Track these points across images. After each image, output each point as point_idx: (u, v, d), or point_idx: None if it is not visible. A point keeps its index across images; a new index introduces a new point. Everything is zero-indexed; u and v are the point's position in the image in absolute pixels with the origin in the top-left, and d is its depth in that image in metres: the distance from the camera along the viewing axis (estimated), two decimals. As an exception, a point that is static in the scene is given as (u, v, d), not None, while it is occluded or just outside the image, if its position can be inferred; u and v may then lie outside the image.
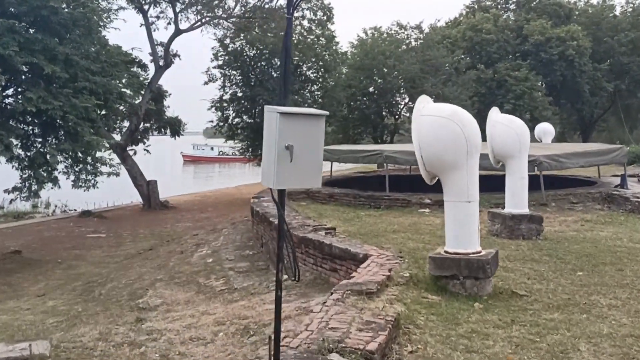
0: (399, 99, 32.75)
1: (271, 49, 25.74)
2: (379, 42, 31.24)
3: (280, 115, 3.43)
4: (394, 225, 11.23)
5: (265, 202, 12.85)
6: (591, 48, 33.51)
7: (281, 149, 3.41)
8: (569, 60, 32.38)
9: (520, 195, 9.68)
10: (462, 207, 6.23)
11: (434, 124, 6.23)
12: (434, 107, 6.47)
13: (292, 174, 3.45)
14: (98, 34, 15.14)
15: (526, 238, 9.64)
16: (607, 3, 38.37)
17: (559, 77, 32.92)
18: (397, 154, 13.85)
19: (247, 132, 27.61)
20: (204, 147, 64.38)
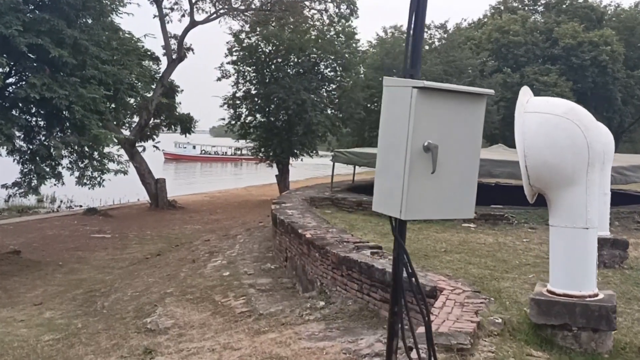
0: (419, 102, 31.22)
1: (288, 45, 24.33)
2: (400, 42, 29.76)
3: (418, 92, 2.00)
4: (440, 243, 9.77)
5: (290, 210, 11.43)
6: (624, 54, 31.95)
7: (416, 152, 1.99)
8: (601, 66, 30.82)
9: (601, 215, 8.18)
10: (578, 236, 4.77)
11: (545, 124, 4.78)
12: (543, 101, 5.02)
13: (433, 194, 2.04)
14: (109, 18, 13.75)
15: (608, 266, 8.15)
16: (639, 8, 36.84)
17: (590, 83, 31.36)
18: (438, 160, 12.38)
19: (259, 132, 26.19)
20: (186, 146, 63.08)
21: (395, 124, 2.07)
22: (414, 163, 1.97)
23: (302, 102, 23.43)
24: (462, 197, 2.10)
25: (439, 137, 2.00)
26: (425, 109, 1.99)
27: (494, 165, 12.20)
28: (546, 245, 10.32)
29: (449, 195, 2.07)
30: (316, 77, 25.64)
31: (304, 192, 15.03)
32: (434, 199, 2.04)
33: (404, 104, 2.03)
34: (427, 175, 1.99)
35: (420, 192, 1.99)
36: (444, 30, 30.64)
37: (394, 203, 2.03)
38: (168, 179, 25.84)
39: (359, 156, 14.27)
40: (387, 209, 2.10)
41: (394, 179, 2.05)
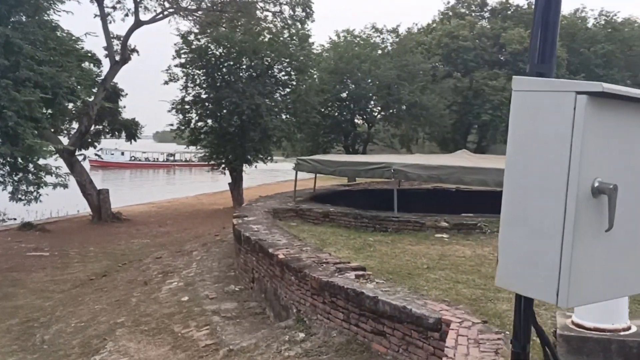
0: (372, 106, 30.94)
1: (240, 48, 23.35)
2: (353, 46, 29.36)
3: (589, 101, 1.25)
4: (420, 257, 9.15)
5: (255, 225, 10.53)
6: (567, 59, 32.79)
7: (582, 196, 1.23)
8: (546, 71, 31.46)
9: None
10: None
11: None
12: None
13: (608, 263, 1.28)
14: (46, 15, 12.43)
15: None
16: (579, 15, 38.04)
17: (536, 88, 31.97)
18: (408, 168, 11.83)
19: (211, 138, 25.02)
20: (114, 152, 60.18)
21: (542, 150, 1.31)
22: (580, 214, 1.21)
23: (257, 106, 22.52)
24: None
25: (616, 172, 1.25)
26: (599, 128, 1.24)
27: (465, 172, 11.77)
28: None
29: (633, 264, 1.32)
30: (270, 81, 24.78)
31: (265, 202, 14.15)
32: (610, 271, 1.28)
33: (559, 119, 1.27)
34: (598, 233, 1.24)
35: (588, 262, 1.23)
36: (396, 35, 30.50)
37: (544, 279, 1.26)
38: (112, 189, 24.22)
39: (324, 164, 13.54)
40: (528, 287, 1.33)
41: (541, 238, 1.28)
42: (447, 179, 11.98)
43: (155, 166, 65.92)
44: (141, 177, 55.59)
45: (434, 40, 33.14)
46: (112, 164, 59.63)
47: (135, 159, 65.30)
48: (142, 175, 56.76)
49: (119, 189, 35.14)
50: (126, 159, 63.57)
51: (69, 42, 13.87)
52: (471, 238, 10.96)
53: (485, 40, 32.62)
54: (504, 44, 32.47)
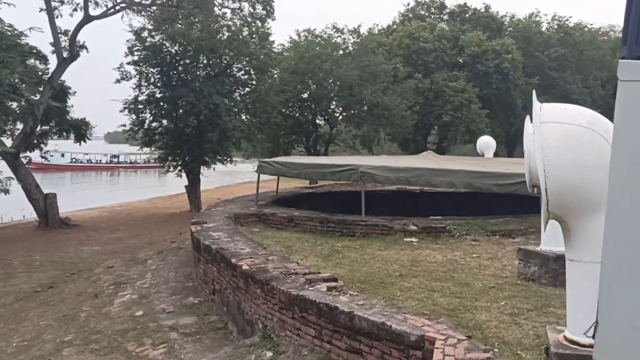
0: (334, 107, 30.57)
1: (197, 45, 22.53)
2: (314, 45, 28.92)
3: None
4: (391, 264, 8.72)
5: (215, 232, 9.88)
6: (523, 62, 33.35)
7: None
8: (504, 73, 31.93)
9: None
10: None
11: (569, 137, 3.83)
12: (561, 109, 4.05)
13: None
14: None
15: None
16: (534, 19, 38.79)
17: (494, 89, 32.39)
18: (376, 171, 11.42)
19: (166, 138, 24.06)
20: (53, 154, 56.53)
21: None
22: None
23: (215, 106, 21.75)
24: None
25: None
26: None
27: (433, 174, 11.45)
28: (498, 262, 9.68)
29: None
30: (229, 80, 24.04)
31: (225, 207, 13.46)
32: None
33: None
34: None
35: None
36: (357, 35, 30.23)
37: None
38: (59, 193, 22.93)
39: (289, 167, 12.98)
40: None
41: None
42: (415, 181, 11.64)
43: (98, 168, 62.59)
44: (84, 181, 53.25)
45: (395, 42, 33.10)
46: (51, 166, 56.05)
47: (76, 161, 62.07)
48: (84, 179, 54.07)
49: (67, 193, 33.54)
50: (66, 160, 60.00)
51: (10, 36, 12.81)
52: (440, 242, 10.63)
53: (445, 42, 32.80)
54: (462, 46, 32.71)
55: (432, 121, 32.22)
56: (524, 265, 7.89)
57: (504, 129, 37.09)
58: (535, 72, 35.05)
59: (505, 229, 11.13)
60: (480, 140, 25.46)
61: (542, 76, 34.72)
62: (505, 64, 31.82)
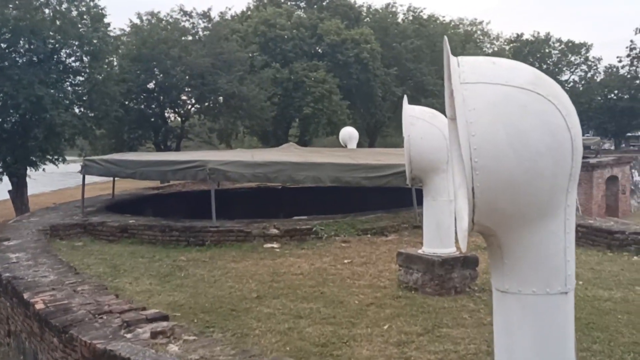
0: (185, 98, 28.02)
1: (14, 26, 18.86)
2: (159, 29, 26.12)
3: None
4: (246, 280, 7.06)
5: (16, 252, 7.44)
6: (381, 53, 33.43)
7: None
8: (363, 63, 31.58)
9: (448, 229, 6.43)
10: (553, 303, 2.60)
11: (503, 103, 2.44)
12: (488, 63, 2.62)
13: None
14: None
15: (460, 291, 6.45)
16: (390, 10, 39.27)
17: (355, 80, 31.99)
18: (228, 167, 9.64)
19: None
20: None
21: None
22: None
23: (38, 98, 18.35)
24: None
25: None
26: None
27: (296, 168, 9.97)
28: (373, 267, 8.44)
29: None
30: (56, 68, 20.60)
31: (42, 217, 10.83)
32: None
33: None
34: None
35: None
36: (207, 20, 27.90)
37: None
38: None
39: (121, 165, 10.67)
40: None
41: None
42: (276, 177, 10.07)
43: None
44: None
45: (250, 28, 31.31)
46: None
47: None
48: None
49: None
50: None
51: None
52: (306, 246, 9.19)
53: (303, 30, 31.70)
54: (321, 35, 31.92)
55: (292, 113, 31.00)
56: (405, 272, 6.67)
57: (365, 119, 37.11)
58: (393, 62, 35.35)
59: (377, 226, 10.02)
60: (343, 131, 24.80)
61: (399, 67, 35.09)
62: (365, 54, 31.51)
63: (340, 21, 32.52)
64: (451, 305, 5.94)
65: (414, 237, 9.30)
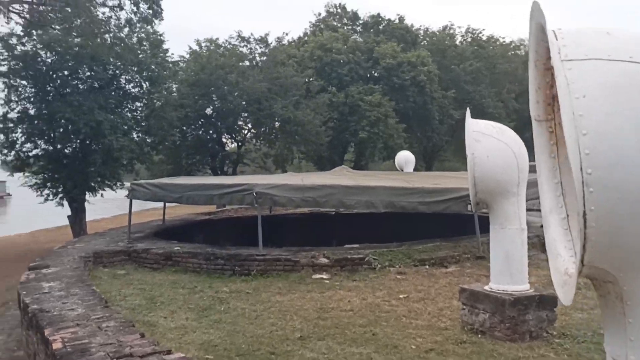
0: (242, 123, 28.04)
1: (76, 54, 19.38)
2: (217, 56, 26.40)
3: None
4: (290, 316, 6.35)
5: (49, 281, 7.07)
6: (438, 75, 32.55)
7: None
8: (420, 86, 30.82)
9: (520, 261, 5.51)
10: None
11: (624, 85, 1.64)
12: (592, 34, 1.86)
13: None
14: None
15: (535, 337, 5.47)
16: (448, 32, 38.42)
17: (411, 103, 31.21)
18: (275, 191, 9.07)
19: (43, 162, 20.55)
20: None
21: None
22: None
23: (98, 124, 18.64)
24: None
25: None
26: None
27: (347, 192, 9.27)
28: (432, 304, 7.53)
29: None
30: (116, 94, 20.98)
31: (88, 243, 10.60)
32: None
33: None
34: None
35: None
36: (264, 45, 28.01)
37: None
38: None
39: (167, 189, 10.33)
40: None
41: None
42: (326, 201, 9.39)
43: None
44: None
45: (307, 53, 31.23)
46: None
47: None
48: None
49: None
50: None
51: None
52: (358, 277, 8.42)
53: (359, 54, 31.34)
54: (377, 58, 31.42)
55: (348, 138, 30.47)
56: (470, 312, 5.77)
57: (422, 143, 36.13)
58: (451, 85, 34.39)
59: (436, 256, 9.12)
60: (399, 155, 23.97)
61: (457, 89, 34.10)
62: (422, 77, 30.76)
63: (396, 44, 31.95)
64: (527, 355, 5.00)
65: (478, 270, 8.36)
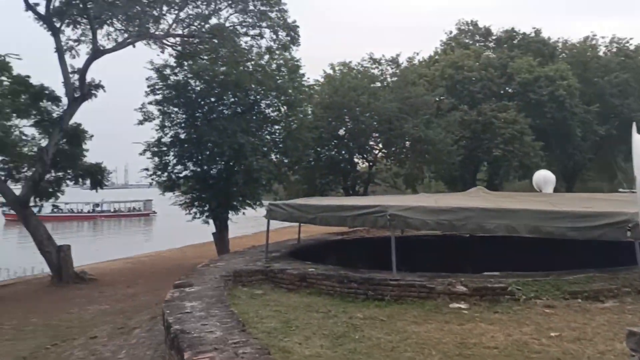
0: (373, 143, 28.15)
1: (222, 81, 20.88)
2: (350, 78, 26.89)
3: None
4: (428, 352, 6.06)
5: (191, 301, 7.48)
6: (579, 89, 30.17)
7: None
8: (559, 101, 28.80)
9: None
10: None
11: None
12: None
13: None
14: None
15: None
16: (589, 43, 35.65)
17: (549, 119, 29.23)
18: (409, 213, 8.85)
19: (191, 182, 22.25)
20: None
21: None
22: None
23: (240, 145, 19.85)
24: None
25: None
26: None
27: (486, 216, 8.77)
28: (590, 345, 6.70)
29: None
30: (257, 118, 22.20)
31: (228, 262, 11.15)
32: None
33: None
34: None
35: None
36: (395, 65, 28.02)
37: None
38: (76, 244, 21.32)
39: (302, 210, 10.57)
40: None
41: None
42: (463, 225, 8.97)
43: (79, 218, 59.60)
44: (109, 229, 51.62)
45: (437, 72, 30.68)
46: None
47: (58, 210, 57.12)
48: (71, 229, 49.53)
49: (87, 243, 32.23)
50: (47, 211, 56.12)
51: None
52: (500, 309, 7.86)
53: (492, 70, 30.14)
54: (512, 74, 29.94)
55: (481, 156, 29.25)
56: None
57: (562, 162, 33.57)
58: (595, 99, 31.71)
59: (590, 289, 8.23)
60: (537, 175, 22.35)
61: (602, 103, 31.35)
62: (561, 91, 28.72)
63: (532, 58, 30.22)
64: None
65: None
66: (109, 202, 64.13)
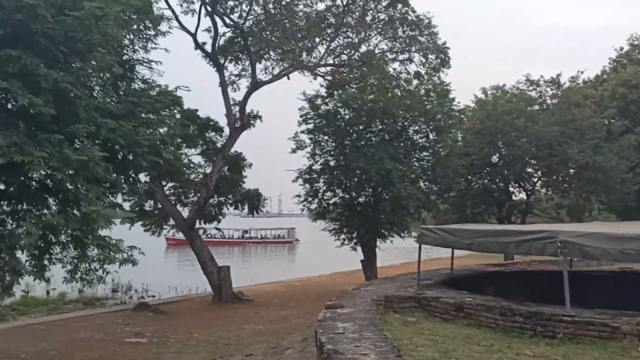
0: (531, 170, 26.13)
1: (370, 109, 20.94)
2: (503, 102, 25.42)
3: None
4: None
5: (344, 322, 7.23)
6: None
7: None
8: None
9: None
10: None
11: None
12: None
13: None
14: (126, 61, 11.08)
15: None
16: None
17: None
18: (585, 240, 7.77)
19: (340, 209, 22.43)
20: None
21: None
22: None
23: (387, 172, 19.59)
24: None
25: None
26: None
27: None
28: None
29: None
30: (405, 144, 21.84)
31: (379, 286, 10.81)
32: None
33: None
34: None
35: None
36: (556, 87, 25.92)
37: None
38: (235, 266, 22.55)
39: (457, 235, 9.91)
40: None
41: None
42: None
43: (230, 243, 62.05)
44: (258, 254, 54.17)
45: (606, 92, 27.75)
46: (183, 241, 54.48)
47: (210, 236, 61.05)
48: (223, 253, 53.38)
49: (243, 267, 34.03)
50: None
51: (164, 94, 12.29)
52: None
53: (675, 87, 26.50)
54: (702, 89, 26.05)
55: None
56: None
57: None
58: None
59: None
60: None
61: None
62: None
63: None
64: None
65: None
66: (256, 229, 68.03)
